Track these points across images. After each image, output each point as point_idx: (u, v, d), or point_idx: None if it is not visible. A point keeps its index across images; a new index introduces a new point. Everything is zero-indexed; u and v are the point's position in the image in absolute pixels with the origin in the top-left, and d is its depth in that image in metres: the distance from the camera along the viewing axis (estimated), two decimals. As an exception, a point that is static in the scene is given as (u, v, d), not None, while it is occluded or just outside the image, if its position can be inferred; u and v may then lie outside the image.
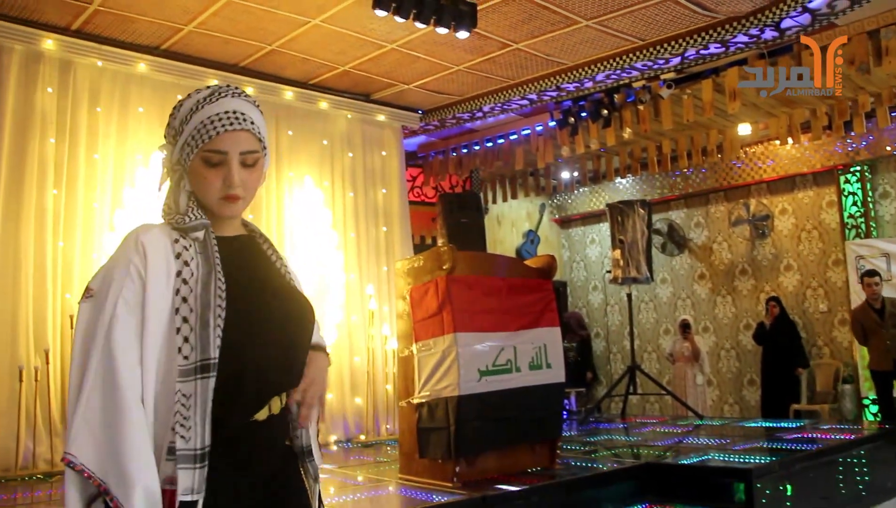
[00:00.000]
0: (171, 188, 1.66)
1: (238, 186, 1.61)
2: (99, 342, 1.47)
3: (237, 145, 1.60)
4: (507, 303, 5.06)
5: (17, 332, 6.00)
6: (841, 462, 5.69)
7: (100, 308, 1.50)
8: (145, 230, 1.59)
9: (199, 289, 1.53)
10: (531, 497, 4.64)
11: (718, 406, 10.57)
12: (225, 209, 1.64)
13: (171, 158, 1.66)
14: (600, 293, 12.28)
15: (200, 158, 1.59)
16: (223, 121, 1.58)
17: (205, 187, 1.61)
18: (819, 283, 9.75)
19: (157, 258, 1.54)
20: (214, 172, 1.60)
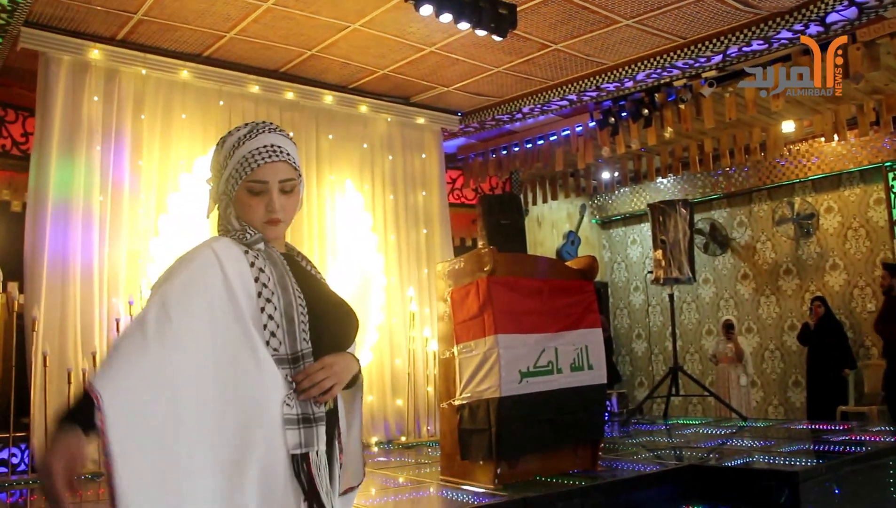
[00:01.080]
0: (220, 215, 1.87)
1: (279, 211, 1.82)
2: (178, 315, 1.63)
3: (276, 175, 1.81)
4: (549, 304, 5.05)
5: (65, 335, 6.15)
6: (891, 466, 5.58)
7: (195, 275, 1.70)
8: (219, 244, 1.77)
9: (279, 290, 1.75)
10: (573, 500, 4.62)
11: (763, 408, 10.41)
12: (268, 232, 1.84)
13: (217, 189, 1.87)
14: (642, 294, 12.17)
15: (245, 188, 1.80)
16: (262, 155, 1.79)
17: (250, 214, 1.82)
18: (866, 282, 9.55)
19: (234, 269, 1.73)
20: (257, 200, 1.81)
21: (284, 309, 1.73)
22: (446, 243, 8.70)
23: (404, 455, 6.88)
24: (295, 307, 1.74)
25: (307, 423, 1.71)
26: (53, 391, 5.91)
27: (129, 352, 1.57)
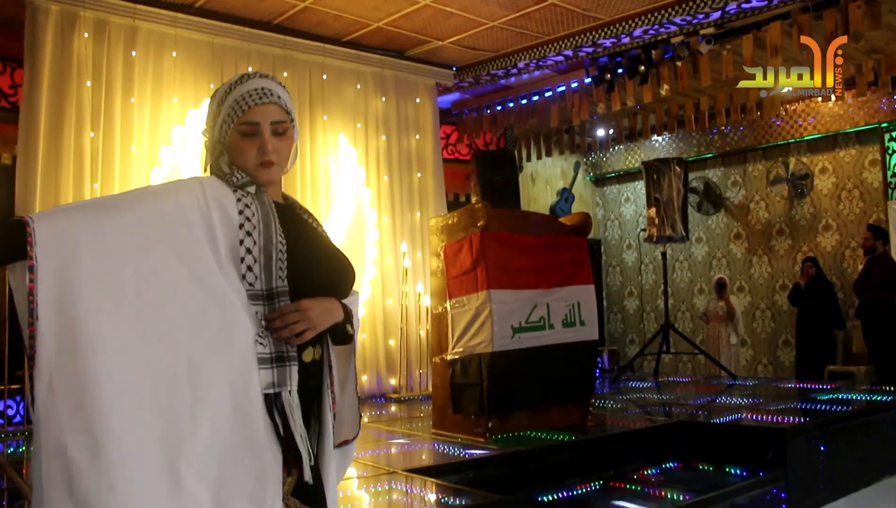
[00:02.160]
0: (212, 165, 1.86)
1: (271, 152, 1.81)
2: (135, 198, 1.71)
3: (267, 117, 1.80)
4: (542, 260, 5.05)
5: (60, 285, 6.13)
6: (877, 424, 5.65)
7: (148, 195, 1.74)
8: (207, 178, 1.80)
9: (261, 226, 1.73)
10: (563, 454, 4.68)
11: (752, 367, 10.51)
12: (262, 175, 1.82)
13: (212, 140, 1.86)
14: (634, 252, 12.20)
15: (237, 131, 1.80)
16: (252, 97, 1.79)
17: (243, 157, 1.81)
18: (858, 243, 9.56)
19: (215, 200, 1.72)
20: (250, 142, 1.80)
21: (263, 245, 1.71)
22: (440, 189, 8.62)
23: (396, 408, 6.94)
24: (274, 245, 1.72)
25: (280, 362, 1.70)
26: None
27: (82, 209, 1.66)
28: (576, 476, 4.62)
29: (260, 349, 1.69)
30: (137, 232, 1.61)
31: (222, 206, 1.72)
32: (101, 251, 1.56)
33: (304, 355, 1.77)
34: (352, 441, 1.96)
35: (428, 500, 3.59)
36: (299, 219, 1.91)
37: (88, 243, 1.55)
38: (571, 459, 4.70)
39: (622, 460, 4.96)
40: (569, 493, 4.41)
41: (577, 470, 4.67)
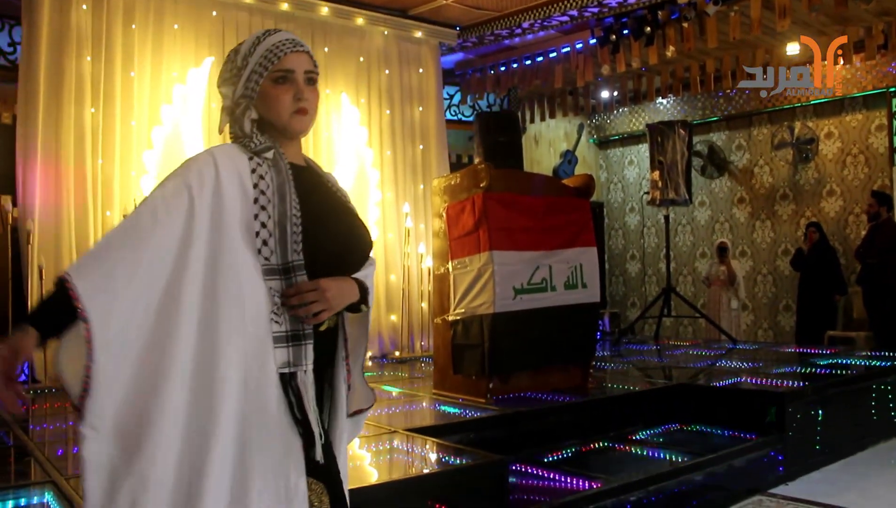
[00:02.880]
0: (233, 122, 1.81)
1: (307, 99, 1.79)
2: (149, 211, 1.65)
3: (301, 65, 1.79)
4: (544, 222, 5.03)
5: (60, 249, 6.13)
6: (875, 389, 5.68)
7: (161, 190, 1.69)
8: (221, 149, 1.76)
9: (276, 199, 1.70)
10: (563, 416, 4.71)
11: (752, 331, 10.53)
12: (297, 123, 1.80)
13: (234, 96, 1.80)
14: (637, 215, 12.17)
15: (270, 79, 1.77)
16: (287, 45, 1.78)
17: (277, 105, 1.77)
18: (862, 209, 9.50)
19: (230, 173, 1.71)
20: (284, 90, 1.77)
21: (278, 218, 1.69)
22: (442, 158, 8.61)
23: (398, 369, 6.97)
24: (289, 218, 1.69)
25: (296, 341, 1.70)
26: (51, 305, 5.92)
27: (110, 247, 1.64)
28: (576, 438, 4.65)
29: (276, 327, 1.68)
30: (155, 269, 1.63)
31: (238, 178, 1.70)
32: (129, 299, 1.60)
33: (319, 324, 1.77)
34: (366, 411, 1.98)
35: (429, 459, 3.62)
36: (318, 183, 1.88)
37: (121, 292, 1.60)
38: (571, 420, 4.73)
39: (622, 421, 4.99)
40: (568, 454, 4.45)
41: (577, 432, 4.70)
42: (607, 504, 3.62)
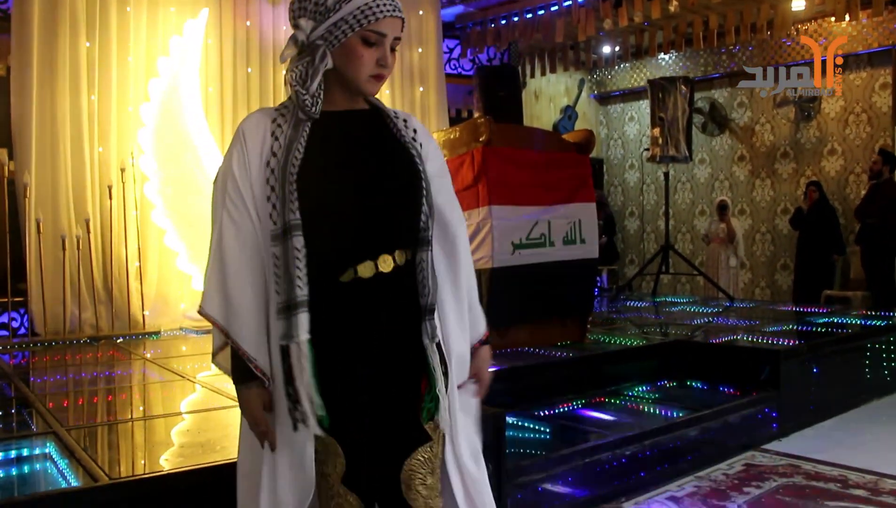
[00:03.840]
0: (305, 62, 1.73)
1: (389, 66, 1.75)
2: (217, 224, 1.74)
3: (394, 31, 1.74)
4: (544, 177, 5.00)
5: (57, 202, 6.11)
6: (869, 348, 5.71)
7: (218, 195, 1.75)
8: (247, 119, 1.78)
9: (281, 156, 1.68)
10: (560, 370, 4.73)
11: (750, 289, 10.56)
12: (371, 87, 1.76)
13: (310, 34, 1.72)
14: (637, 172, 12.11)
15: (360, 36, 1.70)
16: (387, 7, 1.71)
17: (358, 65, 1.72)
18: (863, 169, 9.48)
19: (255, 142, 1.72)
20: (371, 52, 1.72)
21: (282, 180, 1.66)
22: (442, 103, 8.51)
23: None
24: (286, 176, 1.65)
25: (288, 311, 1.66)
26: (49, 258, 5.93)
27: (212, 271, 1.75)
28: (572, 392, 4.68)
29: (276, 298, 1.67)
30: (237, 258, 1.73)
31: (261, 145, 1.71)
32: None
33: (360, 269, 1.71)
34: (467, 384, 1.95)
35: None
36: (377, 124, 1.80)
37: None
38: (568, 375, 4.75)
39: (618, 377, 5.02)
40: (565, 408, 4.48)
41: (574, 386, 4.73)
42: (602, 458, 3.66)
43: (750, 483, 3.83)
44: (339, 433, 1.74)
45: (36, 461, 2.88)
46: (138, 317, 6.36)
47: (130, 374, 4.70)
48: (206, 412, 3.58)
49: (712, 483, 3.86)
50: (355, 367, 1.74)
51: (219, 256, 1.72)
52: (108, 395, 4.00)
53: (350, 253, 1.72)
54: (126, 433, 3.25)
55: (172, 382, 4.28)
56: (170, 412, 3.68)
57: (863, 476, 3.89)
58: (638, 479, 3.77)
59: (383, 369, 1.76)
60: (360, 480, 1.78)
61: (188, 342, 5.97)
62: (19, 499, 2.34)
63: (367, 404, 1.74)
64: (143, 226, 6.47)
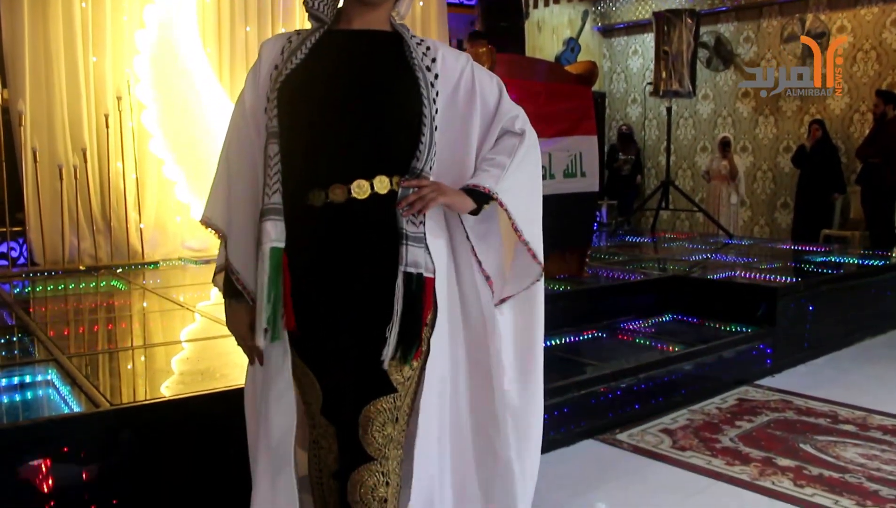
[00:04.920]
0: None
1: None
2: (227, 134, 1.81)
3: None
4: (545, 108, 4.93)
5: (53, 131, 6.04)
6: (865, 288, 5.73)
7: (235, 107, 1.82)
8: (267, 40, 1.81)
9: (279, 70, 1.70)
10: (558, 303, 4.74)
11: (749, 227, 10.56)
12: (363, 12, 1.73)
13: None
14: (639, 107, 11.98)
15: None
16: None
17: None
18: (868, 107, 9.37)
19: (269, 59, 1.75)
20: None
21: (271, 87, 1.69)
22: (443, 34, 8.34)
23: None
24: (275, 78, 1.68)
25: (261, 218, 1.66)
26: (46, 188, 5.89)
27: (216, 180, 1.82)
28: (569, 325, 4.72)
29: (266, 200, 1.68)
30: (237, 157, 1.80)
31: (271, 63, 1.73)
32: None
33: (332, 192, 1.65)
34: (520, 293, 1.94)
35: (423, 342, 3.66)
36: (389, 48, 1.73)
37: None
38: (565, 308, 4.78)
39: (615, 311, 5.05)
40: (562, 341, 4.52)
41: (571, 319, 4.76)
42: (598, 391, 3.71)
43: (742, 417, 3.89)
44: (313, 363, 1.74)
45: (38, 387, 2.90)
46: (137, 247, 6.35)
47: (130, 303, 4.72)
48: (205, 341, 3.60)
49: (705, 416, 3.92)
50: (328, 296, 1.69)
51: (224, 162, 1.79)
52: (108, 324, 4.02)
53: (323, 173, 1.66)
54: (126, 361, 3.28)
55: (172, 311, 4.31)
56: (170, 341, 3.71)
57: (852, 412, 3.95)
58: (632, 412, 3.83)
59: (355, 303, 1.69)
60: (337, 412, 1.76)
61: (187, 272, 5.99)
62: (24, 424, 2.37)
63: (339, 337, 1.70)
64: (140, 156, 6.41)
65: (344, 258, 1.68)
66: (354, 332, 1.69)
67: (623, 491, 3.04)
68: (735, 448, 3.47)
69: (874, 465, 3.25)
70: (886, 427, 3.73)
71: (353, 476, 1.71)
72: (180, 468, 2.44)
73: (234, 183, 1.77)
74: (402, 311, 1.64)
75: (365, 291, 1.68)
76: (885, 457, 3.34)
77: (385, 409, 1.70)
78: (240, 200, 1.76)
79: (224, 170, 1.79)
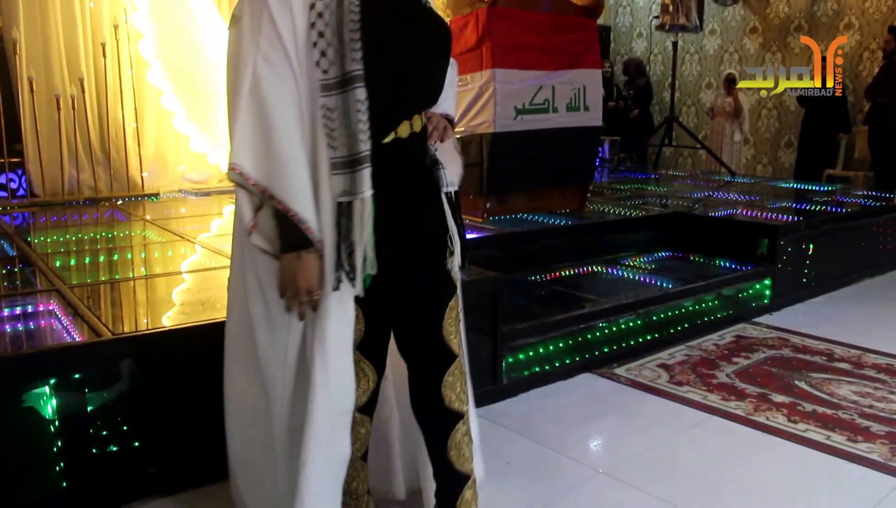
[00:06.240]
0: None
1: None
2: (249, 68, 1.59)
3: None
4: (549, 41, 4.86)
5: (49, 60, 5.95)
6: (866, 228, 5.72)
7: (248, 35, 1.61)
8: None
9: (333, 5, 1.60)
10: (559, 237, 4.76)
11: (752, 166, 10.48)
12: None
13: None
14: (644, 41, 11.76)
15: None
16: None
17: None
18: (878, 45, 9.19)
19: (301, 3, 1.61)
20: None
21: (336, 26, 1.59)
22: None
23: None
24: (345, 24, 1.59)
25: (351, 166, 1.62)
26: (44, 118, 5.83)
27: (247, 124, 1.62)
28: (570, 260, 4.73)
29: (331, 152, 1.62)
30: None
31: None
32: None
33: (399, 130, 1.72)
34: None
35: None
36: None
37: None
38: (566, 243, 4.79)
39: (616, 246, 5.06)
40: (562, 275, 4.53)
41: (572, 254, 4.78)
42: (597, 325, 3.73)
43: (739, 354, 3.92)
44: (363, 299, 1.77)
45: (41, 317, 2.91)
46: (137, 179, 6.32)
47: (130, 235, 4.72)
48: (205, 272, 3.61)
49: (703, 352, 3.95)
50: (398, 227, 1.77)
51: (257, 106, 1.60)
52: (108, 255, 4.03)
53: (400, 111, 1.73)
54: (128, 292, 3.29)
55: (172, 242, 4.31)
56: (170, 272, 3.72)
57: (848, 351, 3.98)
58: (630, 346, 3.86)
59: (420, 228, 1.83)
60: (374, 349, 1.87)
61: (187, 203, 5.97)
62: (27, 352, 2.38)
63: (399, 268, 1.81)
64: (139, 86, 6.33)
65: (403, 190, 1.79)
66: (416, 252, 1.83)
67: (619, 424, 3.08)
68: (731, 383, 3.51)
69: (867, 402, 3.29)
70: (880, 366, 3.76)
71: (445, 379, 1.89)
72: (181, 395, 2.47)
73: (281, 133, 1.60)
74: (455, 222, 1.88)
75: (419, 212, 1.83)
76: (877, 395, 3.38)
77: (454, 307, 1.90)
78: (294, 148, 1.62)
79: (259, 117, 1.60)
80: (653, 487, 2.55)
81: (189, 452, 2.49)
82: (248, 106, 1.60)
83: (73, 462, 2.29)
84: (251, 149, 1.61)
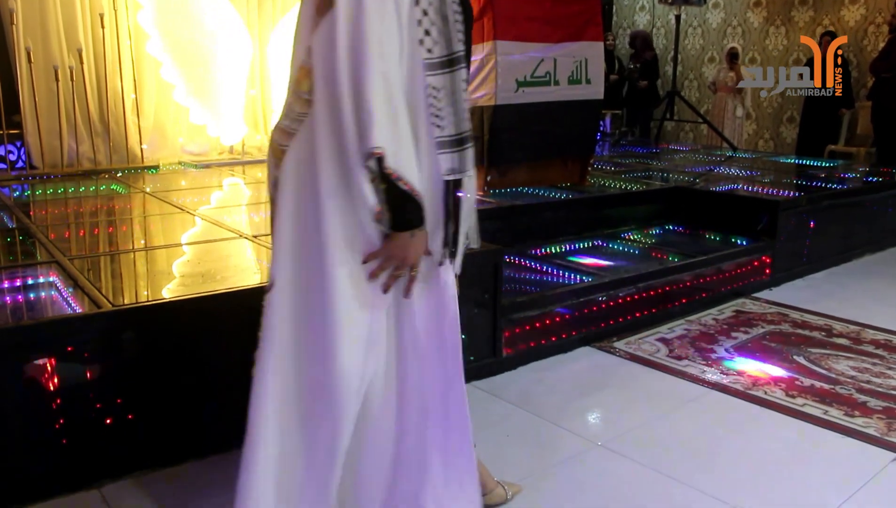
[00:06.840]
0: None
1: None
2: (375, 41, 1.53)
3: None
4: (552, 12, 4.82)
5: (47, 31, 5.89)
6: (867, 204, 5.71)
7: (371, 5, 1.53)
8: None
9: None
10: (559, 210, 4.75)
11: (753, 141, 10.44)
12: None
13: None
14: (647, 14, 11.66)
15: None
16: None
17: None
18: (885, 19, 9.10)
19: None
20: None
21: (438, 5, 1.59)
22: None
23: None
24: (448, 5, 1.60)
25: (460, 144, 1.64)
26: (42, 89, 5.79)
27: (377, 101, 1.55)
28: (570, 233, 4.73)
29: (437, 131, 1.62)
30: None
31: None
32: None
33: None
34: None
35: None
36: None
37: None
38: (567, 216, 4.78)
39: (617, 220, 5.06)
40: (562, 249, 4.53)
41: (572, 228, 4.78)
42: (597, 299, 3.73)
43: (738, 329, 3.93)
44: None
45: (41, 288, 2.92)
46: (136, 151, 6.30)
47: (130, 207, 4.71)
48: (206, 244, 3.61)
49: (702, 326, 3.96)
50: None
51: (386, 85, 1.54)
52: (108, 227, 4.02)
53: None
54: (128, 264, 3.29)
55: (172, 215, 4.30)
56: (170, 244, 3.71)
57: (847, 327, 3.99)
58: (630, 320, 3.87)
59: None
60: None
61: (187, 176, 5.96)
62: (27, 324, 2.39)
63: None
64: (137, 57, 6.28)
65: None
66: None
67: (618, 398, 3.10)
68: (730, 358, 3.52)
69: (864, 378, 3.30)
70: (879, 342, 3.77)
71: None
72: (181, 367, 2.48)
73: (402, 113, 1.57)
74: None
75: None
76: (875, 370, 3.39)
77: None
78: (408, 128, 1.60)
79: (387, 97, 1.55)
80: (651, 460, 2.56)
81: (190, 423, 2.50)
82: (379, 84, 1.54)
83: (73, 434, 2.30)
84: (387, 130, 1.56)
